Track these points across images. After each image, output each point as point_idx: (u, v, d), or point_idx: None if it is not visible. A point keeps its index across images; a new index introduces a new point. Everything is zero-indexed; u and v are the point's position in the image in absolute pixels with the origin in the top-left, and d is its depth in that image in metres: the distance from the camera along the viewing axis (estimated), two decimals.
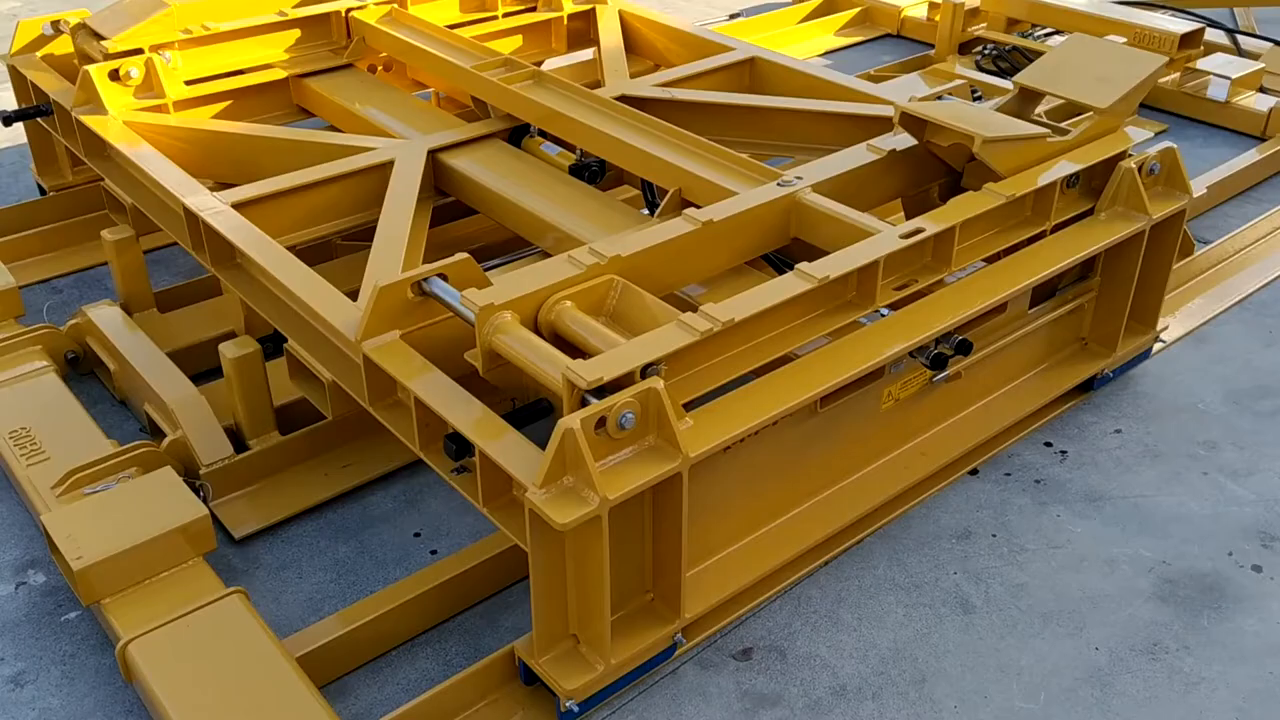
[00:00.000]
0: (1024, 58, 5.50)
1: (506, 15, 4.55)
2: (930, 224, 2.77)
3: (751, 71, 4.07)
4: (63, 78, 4.04)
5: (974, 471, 3.13)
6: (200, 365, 3.48)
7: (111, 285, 3.76)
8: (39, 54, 4.22)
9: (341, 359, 2.77)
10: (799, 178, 2.98)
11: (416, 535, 3.03)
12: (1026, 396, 3.22)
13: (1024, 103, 3.20)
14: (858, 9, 6.44)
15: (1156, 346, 3.56)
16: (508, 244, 3.82)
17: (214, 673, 2.41)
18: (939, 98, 3.31)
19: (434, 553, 2.97)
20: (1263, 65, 5.39)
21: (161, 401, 3.14)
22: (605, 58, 4.19)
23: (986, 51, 5.68)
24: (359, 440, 3.23)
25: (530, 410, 2.64)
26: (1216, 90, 5.24)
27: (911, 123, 3.07)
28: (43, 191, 4.42)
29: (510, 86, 3.60)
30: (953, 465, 3.10)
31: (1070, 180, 3.01)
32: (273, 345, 3.50)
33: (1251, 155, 4.82)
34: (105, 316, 3.51)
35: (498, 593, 2.83)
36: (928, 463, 2.99)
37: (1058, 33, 5.74)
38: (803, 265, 2.60)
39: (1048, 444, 3.23)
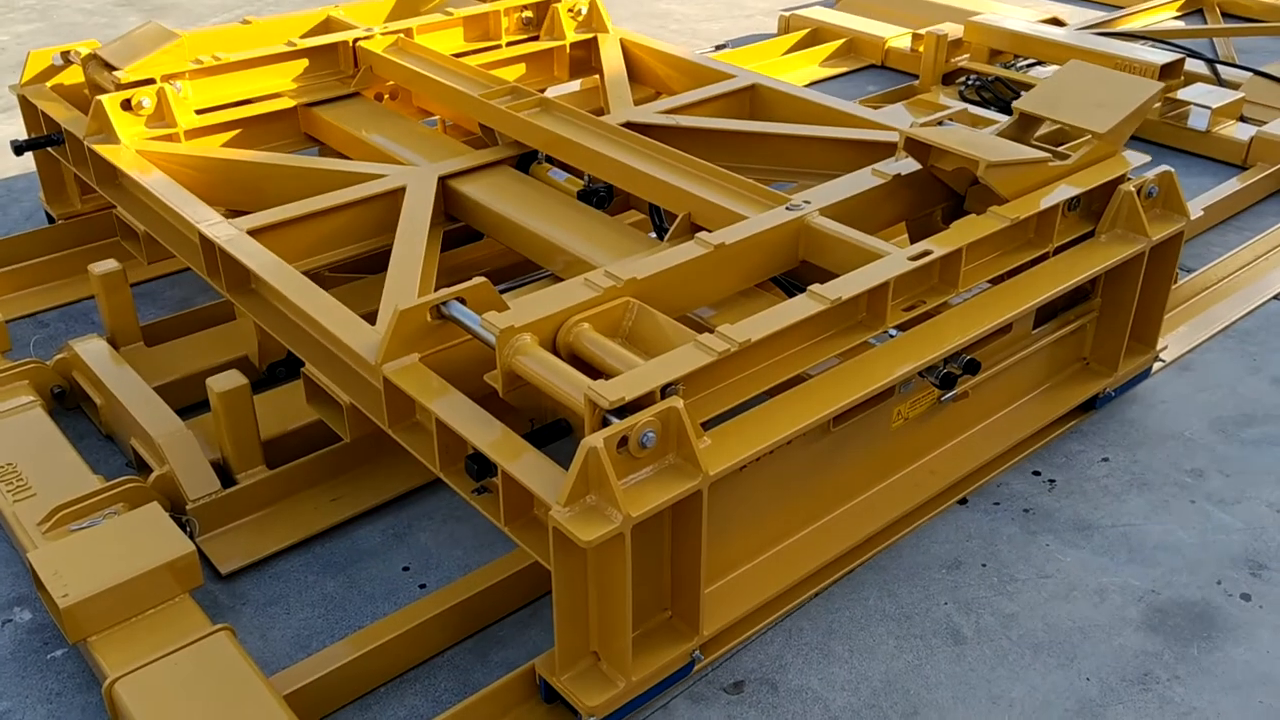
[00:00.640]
0: (1006, 88, 5.55)
1: (510, 44, 4.60)
2: (938, 246, 2.81)
3: (753, 98, 4.13)
4: (73, 107, 4.07)
5: (963, 501, 3.12)
6: (187, 399, 3.43)
7: (98, 319, 3.72)
8: (49, 84, 4.24)
9: (360, 382, 2.79)
10: (807, 201, 3.03)
11: (405, 569, 2.99)
12: (1031, 415, 3.26)
13: (1023, 128, 3.25)
14: (842, 40, 6.48)
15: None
16: (514, 268, 3.85)
17: (201, 711, 2.36)
18: (940, 123, 3.36)
19: (423, 586, 2.94)
20: (1242, 95, 5.43)
21: (148, 436, 3.10)
22: (609, 85, 4.24)
23: (970, 82, 5.73)
24: (347, 473, 3.21)
25: (549, 431, 2.67)
26: (1197, 120, 5.27)
27: (916, 147, 3.12)
28: (51, 220, 4.44)
29: (518, 114, 3.65)
30: (947, 492, 3.10)
31: (1071, 203, 3.06)
32: (285, 370, 3.54)
33: (1233, 184, 4.83)
34: (91, 351, 3.46)
35: (487, 627, 2.80)
36: (938, 481, 3.02)
37: (1039, 63, 5.79)
38: (815, 287, 2.64)
39: (1036, 473, 3.23)
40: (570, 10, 4.64)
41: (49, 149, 4.14)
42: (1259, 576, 2.90)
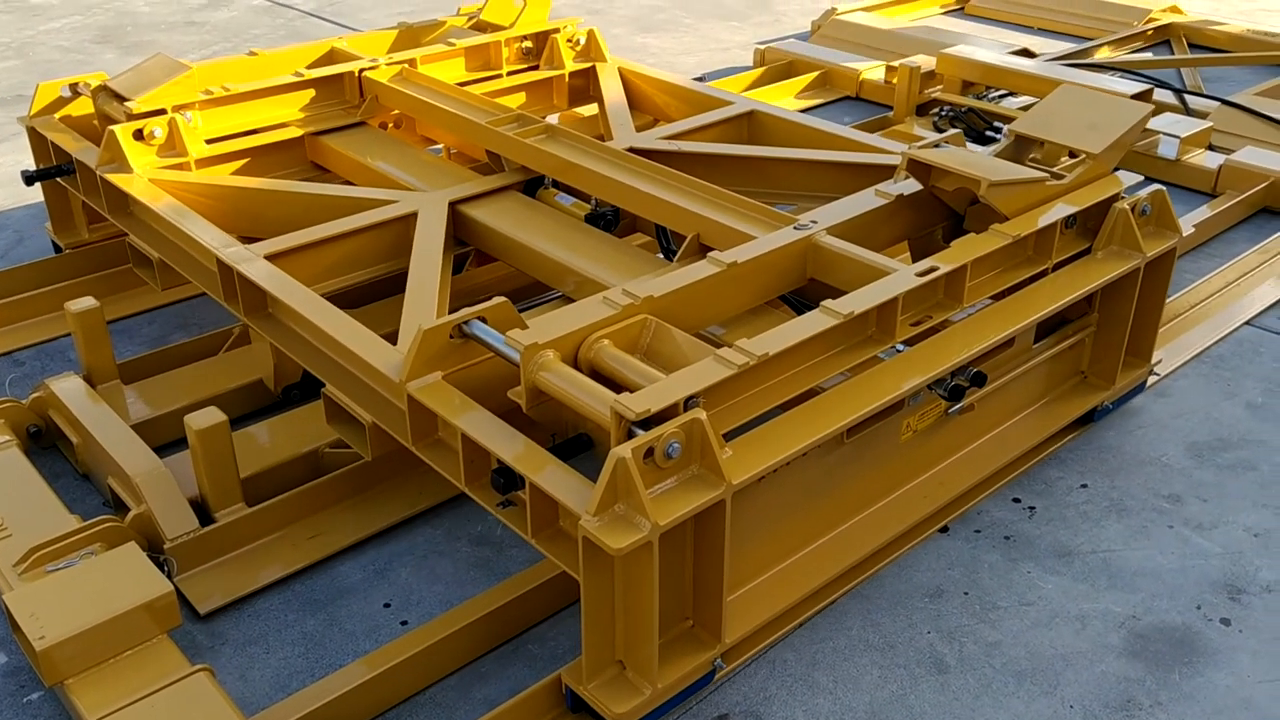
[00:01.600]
0: (979, 119, 5.56)
1: (511, 74, 4.66)
2: (943, 263, 2.88)
3: (750, 124, 4.20)
4: (82, 138, 4.10)
5: (944, 529, 3.12)
6: (165, 437, 3.41)
7: (74, 357, 3.65)
8: (57, 115, 4.27)
9: (381, 401, 2.83)
10: (814, 221, 3.09)
11: (386, 606, 2.95)
12: (1033, 427, 3.33)
13: (1019, 149, 3.33)
14: (817, 72, 6.51)
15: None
16: (519, 291, 3.90)
17: None
18: (937, 145, 3.43)
19: (404, 623, 2.89)
20: (1210, 124, 5.48)
21: (125, 475, 3.05)
22: (610, 113, 4.31)
23: (943, 113, 5.74)
24: (327, 510, 3.18)
25: (570, 445, 2.71)
26: (1166, 148, 5.30)
27: (918, 168, 3.19)
28: (58, 249, 4.45)
29: (526, 140, 3.70)
30: (936, 515, 3.11)
31: (1068, 221, 3.13)
32: (299, 393, 3.57)
33: (1203, 211, 4.84)
34: (68, 389, 3.41)
35: (470, 663, 2.77)
36: (946, 491, 3.07)
37: (1011, 94, 5.84)
38: (828, 302, 2.70)
39: (1016, 500, 3.23)
40: (569, 40, 4.71)
41: (58, 179, 4.16)
42: (1238, 601, 2.90)
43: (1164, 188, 3.31)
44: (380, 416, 2.85)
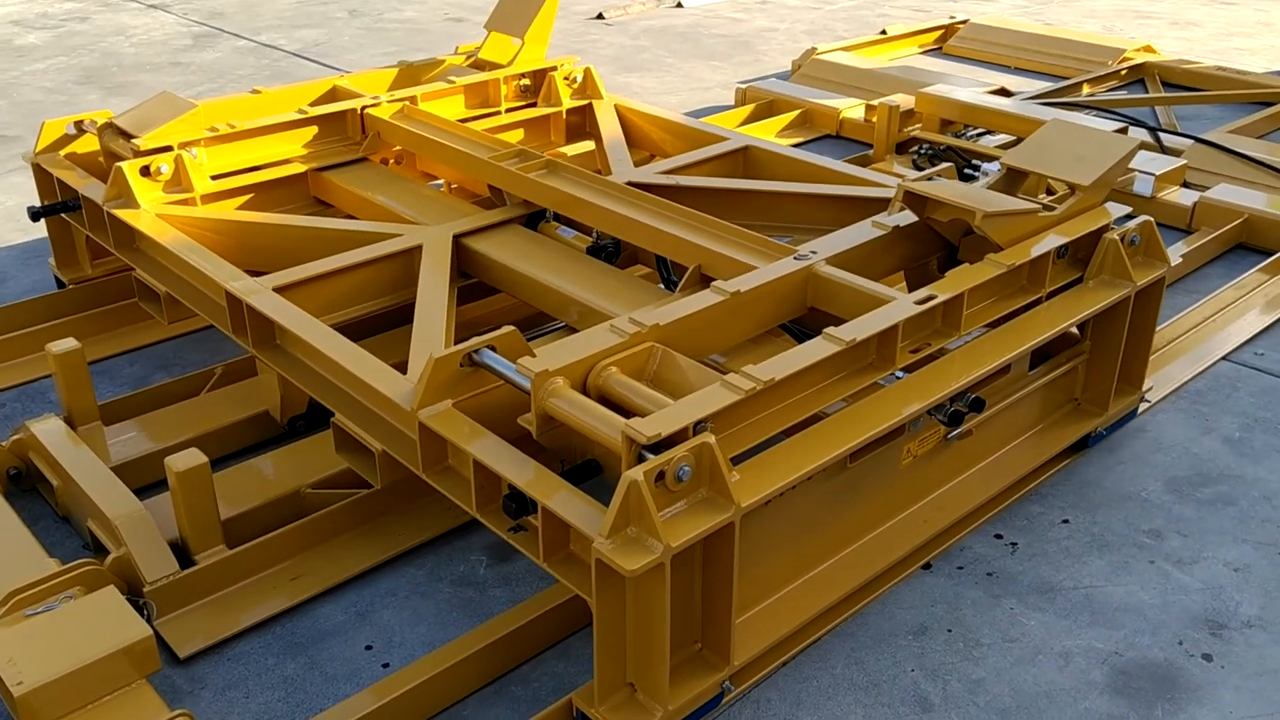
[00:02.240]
0: (958, 157, 5.59)
1: (509, 110, 4.71)
2: (940, 291, 2.92)
3: (745, 158, 4.25)
4: (87, 174, 4.11)
5: (927, 565, 3.09)
6: (146, 479, 3.35)
7: (55, 398, 3.61)
8: (62, 153, 4.28)
9: (390, 429, 2.85)
10: (813, 251, 3.13)
11: (368, 648, 2.88)
12: (1030, 452, 3.36)
13: (1011, 181, 3.38)
14: (798, 111, 6.51)
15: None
16: (517, 324, 3.90)
17: None
18: (930, 179, 3.48)
19: (386, 666, 2.83)
20: (1185, 161, 5.49)
21: (105, 517, 2.99)
22: (608, 148, 4.36)
23: (922, 151, 5.78)
24: (308, 551, 3.12)
25: (579, 471, 2.72)
26: (1142, 186, 5.29)
27: (914, 200, 3.23)
28: (60, 284, 4.46)
29: (528, 175, 3.74)
30: (910, 558, 3.08)
31: (1060, 251, 3.18)
32: (304, 423, 3.58)
33: (1179, 248, 4.84)
34: (47, 430, 3.34)
35: (452, 705, 2.72)
36: (945, 516, 3.10)
37: (989, 133, 5.87)
38: (830, 329, 2.74)
39: (998, 536, 3.21)
40: (566, 78, 4.77)
41: (63, 215, 4.17)
42: (1219, 636, 2.88)
43: (1151, 218, 3.36)
44: (390, 444, 2.87)
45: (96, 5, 9.86)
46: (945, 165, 3.54)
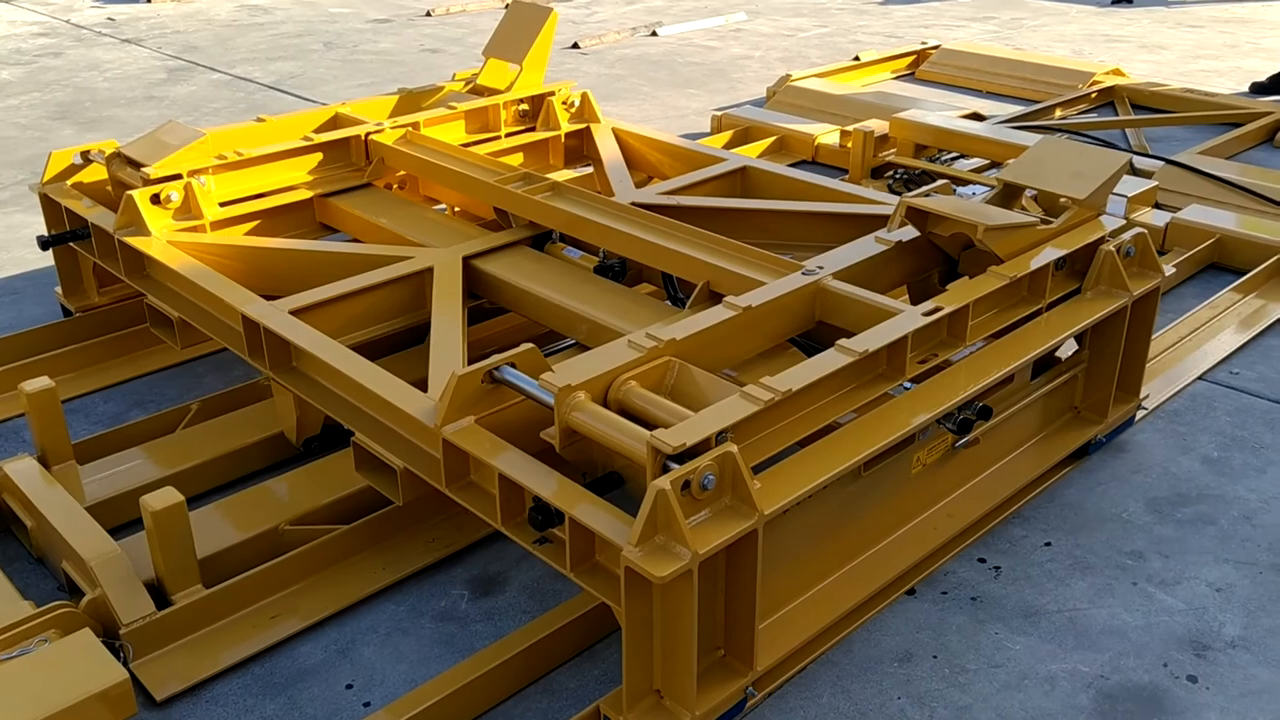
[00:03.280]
0: (932, 180, 5.53)
1: (509, 135, 4.74)
2: (947, 303, 2.95)
3: (743, 178, 4.29)
4: (95, 203, 4.11)
5: (911, 591, 3.05)
6: (122, 518, 3.29)
7: (29, 437, 3.49)
8: (69, 182, 4.28)
9: (411, 447, 2.85)
10: (820, 267, 3.16)
11: (349, 687, 2.80)
12: (1034, 459, 3.39)
13: (1008, 196, 3.43)
14: (773, 138, 6.48)
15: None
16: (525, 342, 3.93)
17: None
18: (927, 195, 3.52)
19: (367, 705, 2.75)
20: (1156, 183, 5.50)
21: (79, 558, 2.90)
22: (609, 170, 4.39)
23: (897, 176, 5.78)
24: (287, 589, 3.04)
25: (601, 483, 2.73)
26: (1114, 207, 5.17)
27: (916, 215, 3.27)
28: (67, 313, 4.44)
29: (534, 197, 3.77)
30: (891, 585, 3.04)
31: (1059, 263, 3.22)
32: (319, 444, 3.58)
33: None
34: (21, 470, 3.24)
35: None
36: (954, 523, 3.12)
37: (963, 156, 5.88)
38: (843, 341, 2.77)
39: (981, 560, 3.17)
40: (564, 103, 4.81)
41: (71, 244, 4.16)
42: (1203, 658, 2.84)
43: (1145, 231, 3.40)
44: (412, 462, 2.87)
45: (70, 40, 9.82)
46: (941, 182, 3.59)
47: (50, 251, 4.32)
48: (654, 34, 9.86)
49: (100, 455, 3.56)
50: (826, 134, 6.43)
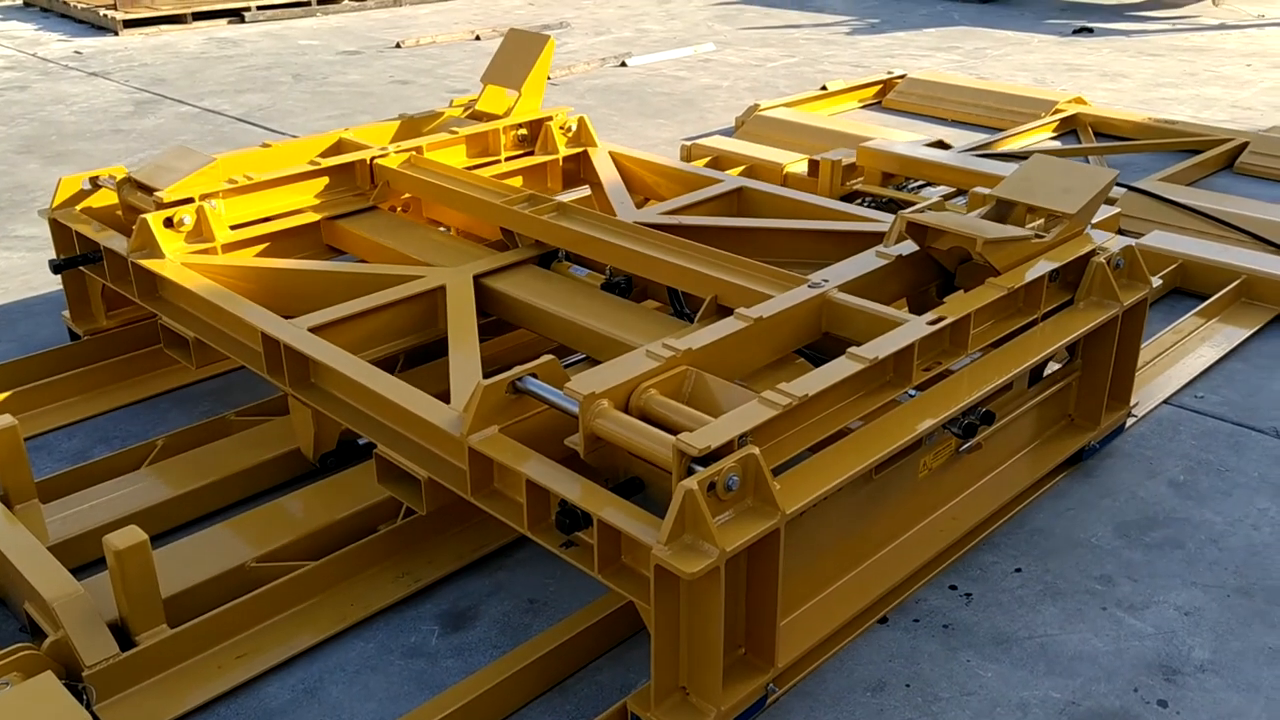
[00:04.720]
0: (900, 208, 5.37)
1: (509, 159, 4.80)
2: (949, 313, 3.03)
3: (740, 198, 4.36)
4: (105, 227, 4.12)
5: (883, 619, 3.01)
6: (85, 558, 3.19)
7: None
8: (78, 208, 4.29)
9: (434, 457, 2.89)
10: (825, 280, 3.23)
11: None
12: (1031, 464, 3.46)
13: (1000, 212, 3.51)
14: (743, 167, 6.36)
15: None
16: (533, 358, 3.97)
17: None
18: (924, 210, 3.59)
19: None
20: (1119, 209, 5.35)
21: (42, 599, 2.80)
22: (609, 192, 4.45)
23: (865, 203, 5.71)
24: (253, 627, 2.94)
25: (624, 488, 2.77)
26: None
27: (915, 230, 3.35)
28: (74, 337, 4.44)
29: (541, 217, 3.82)
30: (866, 613, 3.01)
31: (1053, 275, 3.31)
32: (334, 459, 3.60)
33: None
34: None
35: None
36: (959, 526, 3.18)
37: (929, 184, 5.85)
38: (853, 349, 2.83)
39: (952, 587, 3.13)
40: (562, 128, 4.87)
41: (81, 267, 4.18)
42: (1173, 682, 2.82)
43: (1133, 243, 3.50)
44: (436, 472, 2.90)
45: (36, 74, 9.67)
46: (935, 199, 3.67)
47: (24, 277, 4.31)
48: (623, 64, 9.91)
49: (64, 493, 3.46)
50: (795, 163, 6.31)
